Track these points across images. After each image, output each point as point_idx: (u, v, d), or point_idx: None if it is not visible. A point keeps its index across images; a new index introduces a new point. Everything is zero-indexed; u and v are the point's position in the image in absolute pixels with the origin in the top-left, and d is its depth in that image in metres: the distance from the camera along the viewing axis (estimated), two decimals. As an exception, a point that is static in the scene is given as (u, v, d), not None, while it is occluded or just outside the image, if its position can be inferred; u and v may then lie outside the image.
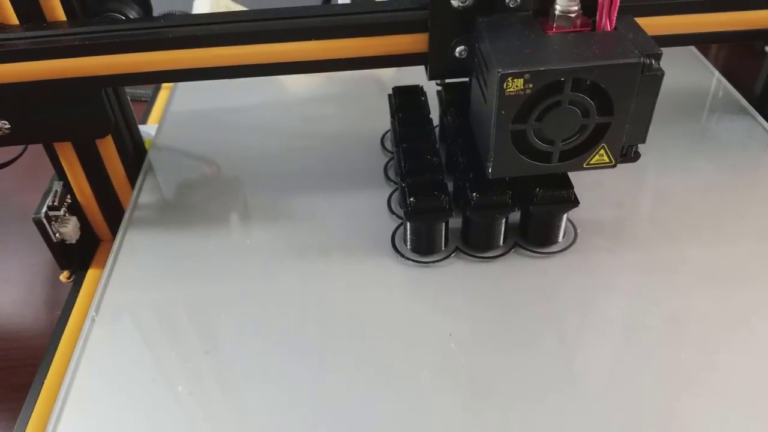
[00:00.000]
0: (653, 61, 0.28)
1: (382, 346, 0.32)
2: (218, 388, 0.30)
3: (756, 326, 0.32)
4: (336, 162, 0.44)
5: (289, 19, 0.33)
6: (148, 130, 0.51)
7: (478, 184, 0.34)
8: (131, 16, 0.37)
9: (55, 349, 0.36)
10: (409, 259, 0.36)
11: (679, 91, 0.48)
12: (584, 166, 0.32)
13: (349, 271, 0.36)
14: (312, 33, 0.33)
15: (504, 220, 0.35)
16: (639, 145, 0.32)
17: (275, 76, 0.35)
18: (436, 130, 0.42)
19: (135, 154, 0.44)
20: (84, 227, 0.42)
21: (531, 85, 0.28)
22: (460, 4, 0.31)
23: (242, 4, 0.58)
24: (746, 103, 0.47)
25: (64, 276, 0.42)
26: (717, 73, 0.51)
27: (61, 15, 0.34)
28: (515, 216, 0.36)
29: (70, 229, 0.40)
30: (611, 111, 0.29)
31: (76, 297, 0.40)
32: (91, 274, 0.41)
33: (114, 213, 0.42)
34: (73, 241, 0.41)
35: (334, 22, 0.33)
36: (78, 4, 0.35)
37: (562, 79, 0.28)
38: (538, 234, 0.36)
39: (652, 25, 0.34)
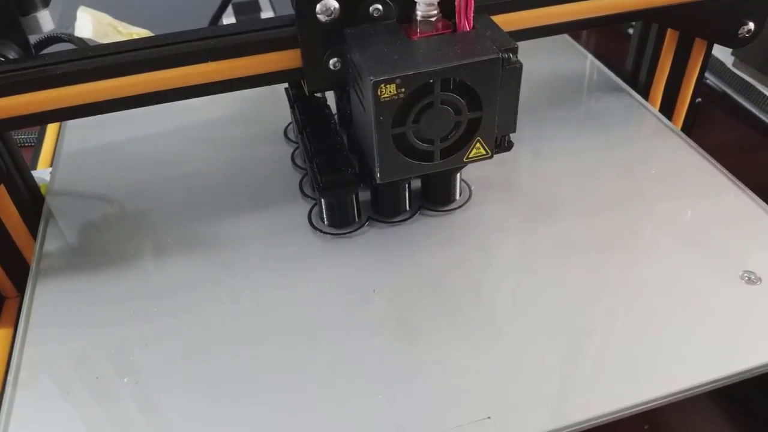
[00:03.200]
0: (511, 55, 0.30)
1: (316, 313, 0.34)
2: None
3: (628, 243, 0.37)
4: (243, 167, 0.45)
5: (166, 46, 0.33)
6: (41, 175, 0.48)
7: None
8: (10, 57, 0.36)
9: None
10: (327, 233, 0.38)
11: (558, 76, 0.52)
12: (464, 160, 0.33)
13: (272, 260, 0.37)
14: (189, 58, 0.33)
15: (407, 186, 0.39)
16: (518, 134, 0.34)
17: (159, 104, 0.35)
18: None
19: (32, 202, 0.42)
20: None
21: (403, 90, 0.29)
22: (327, 18, 0.32)
23: (131, 22, 0.57)
24: (620, 81, 0.50)
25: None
26: (590, 56, 0.54)
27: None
28: (417, 182, 0.41)
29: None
30: (480, 106, 0.31)
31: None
32: None
33: (17, 267, 0.40)
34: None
35: (210, 45, 0.33)
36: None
37: (432, 80, 0.29)
38: (438, 195, 0.40)
39: (515, 20, 0.37)
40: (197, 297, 0.36)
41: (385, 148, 0.31)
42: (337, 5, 0.32)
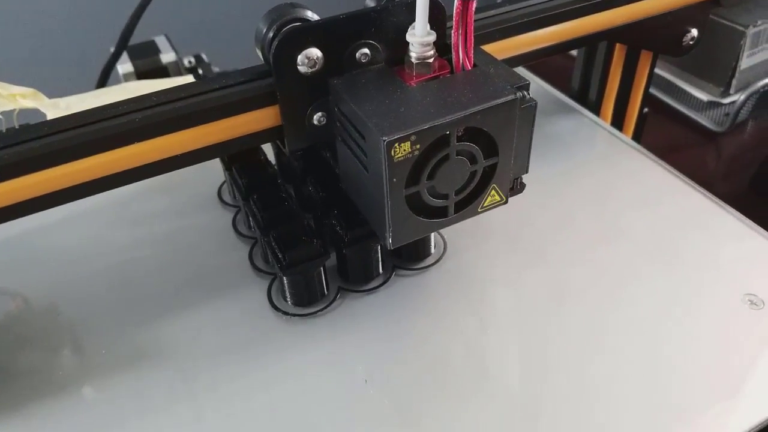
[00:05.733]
0: (525, 93, 0.27)
1: (303, 421, 0.29)
2: None
3: (621, 277, 0.35)
4: (177, 245, 0.38)
5: (99, 122, 0.27)
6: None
7: (347, 219, 0.33)
8: None
9: None
10: (294, 314, 0.33)
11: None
12: (479, 210, 0.30)
13: (236, 360, 0.32)
14: (137, 134, 0.27)
15: (379, 248, 0.34)
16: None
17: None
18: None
19: None
20: None
21: (418, 146, 0.25)
22: (309, 70, 0.28)
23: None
24: (568, 99, 0.50)
25: None
26: (538, 79, 0.53)
27: None
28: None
29: None
30: (496, 152, 0.28)
31: None
32: None
33: None
34: None
35: (166, 114, 0.27)
36: None
37: (448, 132, 0.26)
38: (412, 252, 0.36)
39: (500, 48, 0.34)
40: (155, 423, 0.29)
41: (397, 211, 0.27)
42: (320, 54, 0.27)
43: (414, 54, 0.28)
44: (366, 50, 0.28)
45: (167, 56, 0.60)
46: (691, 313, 0.33)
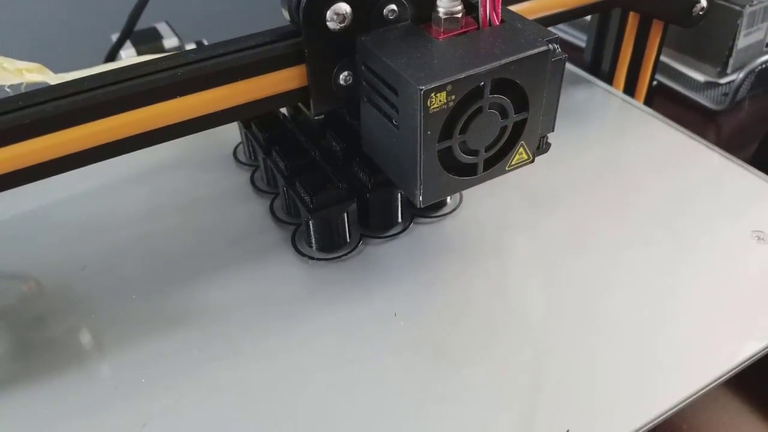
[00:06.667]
0: (555, 46, 0.27)
1: (343, 353, 0.30)
2: None
3: (637, 222, 0.36)
4: (199, 206, 0.38)
5: (127, 81, 0.26)
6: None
7: (370, 166, 0.33)
8: None
9: None
10: (318, 259, 0.34)
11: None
12: (506, 169, 0.30)
13: (269, 306, 0.32)
14: (167, 91, 0.27)
15: (399, 196, 0.35)
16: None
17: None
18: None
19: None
20: None
21: (453, 97, 0.25)
22: (338, 26, 0.27)
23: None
24: (581, 71, 0.50)
25: None
26: None
27: None
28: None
29: None
30: (527, 106, 0.28)
31: None
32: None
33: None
34: None
35: (193, 72, 0.27)
36: None
37: (482, 83, 0.26)
38: None
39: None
40: (195, 366, 0.30)
41: (429, 168, 0.27)
42: (349, 9, 0.27)
43: (442, 9, 0.28)
44: (393, 6, 0.28)
45: (170, 42, 0.59)
46: (702, 249, 0.34)
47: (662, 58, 0.60)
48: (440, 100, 0.25)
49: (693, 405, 0.28)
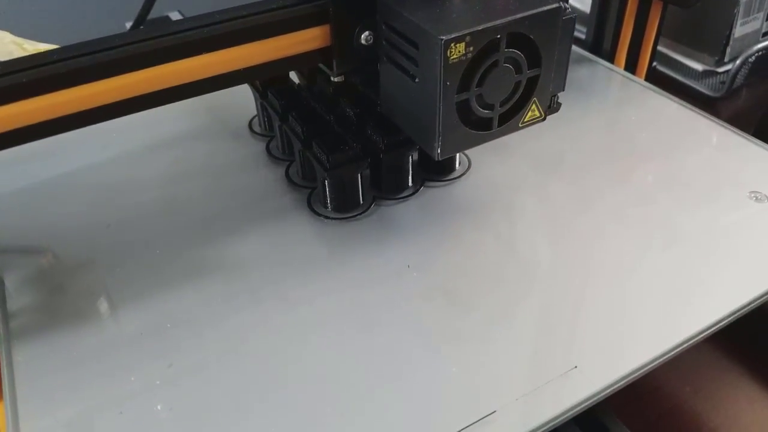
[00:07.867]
0: (566, 5, 0.29)
1: (361, 300, 0.31)
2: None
3: (639, 184, 0.38)
4: (219, 173, 0.40)
5: (155, 38, 0.28)
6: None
7: (383, 128, 0.35)
8: None
9: None
10: (333, 218, 0.36)
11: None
12: (519, 125, 0.31)
13: (291, 262, 0.34)
14: (197, 46, 0.28)
15: (411, 158, 0.37)
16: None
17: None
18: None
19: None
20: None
21: (471, 48, 0.27)
22: (361, -15, 0.29)
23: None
24: (583, 51, 0.51)
25: None
26: None
27: None
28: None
29: None
30: (539, 62, 0.29)
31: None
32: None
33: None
34: None
35: (222, 29, 0.28)
36: None
37: (498, 36, 0.27)
38: (440, 164, 0.39)
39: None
40: (218, 314, 0.31)
41: (447, 119, 0.28)
42: (371, -31, 0.29)
43: (459, -30, 0.29)
44: (413, -32, 0.29)
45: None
46: (701, 208, 0.36)
47: (662, 48, 0.62)
48: (459, 51, 0.26)
49: (697, 367, 0.30)
